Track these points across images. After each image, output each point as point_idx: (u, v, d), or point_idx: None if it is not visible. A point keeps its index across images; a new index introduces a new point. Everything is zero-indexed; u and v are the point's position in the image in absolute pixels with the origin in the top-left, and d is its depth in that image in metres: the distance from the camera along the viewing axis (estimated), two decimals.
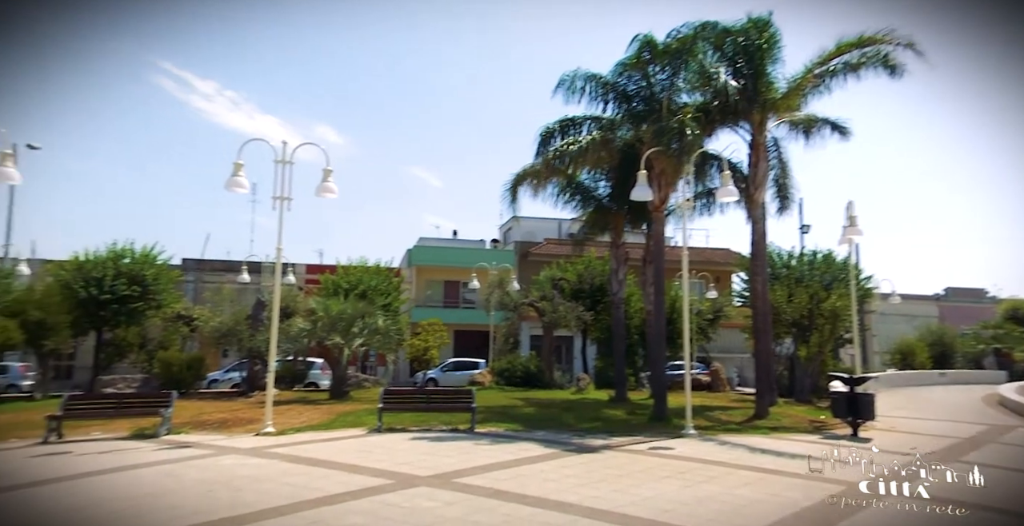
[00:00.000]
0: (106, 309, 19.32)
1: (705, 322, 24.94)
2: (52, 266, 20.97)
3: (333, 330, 17.02)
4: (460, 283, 33.51)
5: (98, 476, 7.84)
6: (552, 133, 15.37)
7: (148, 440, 10.79)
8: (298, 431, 11.77)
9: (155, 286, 20.16)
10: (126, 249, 20.36)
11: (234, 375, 22.76)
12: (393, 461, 8.62)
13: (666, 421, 13.11)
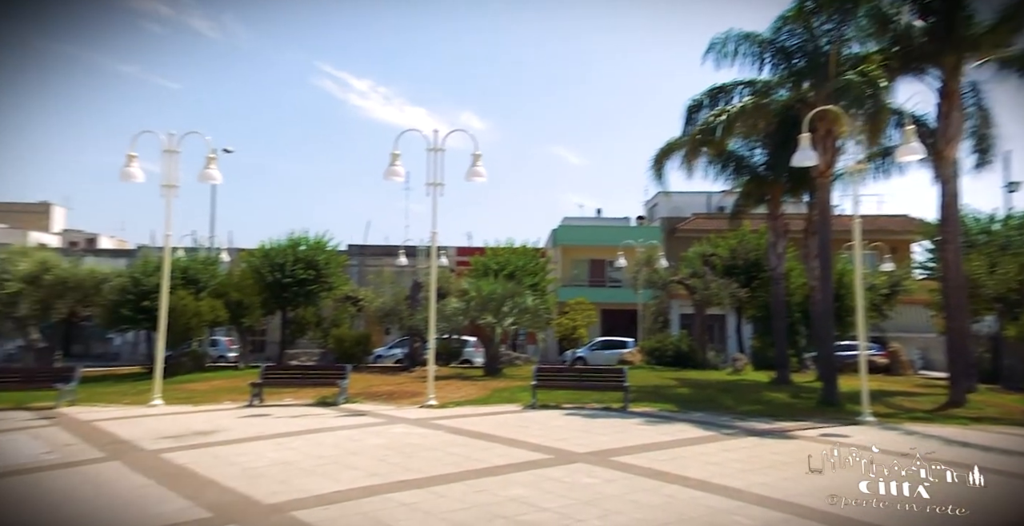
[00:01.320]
0: (288, 291, 21.67)
1: (880, 298, 22.45)
2: (244, 254, 23.91)
3: (485, 310, 17.68)
4: (606, 262, 33.19)
5: (295, 436, 8.87)
6: (700, 104, 14.51)
7: (329, 407, 12.01)
8: (458, 405, 12.43)
9: (327, 270, 22.22)
10: (302, 237, 22.64)
11: (396, 351, 24.56)
12: (550, 437, 8.80)
13: (837, 406, 12.05)
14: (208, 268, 21.40)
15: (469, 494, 5.81)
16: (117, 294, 19.37)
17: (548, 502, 5.52)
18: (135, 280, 19.34)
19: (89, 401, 12.84)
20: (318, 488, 6.01)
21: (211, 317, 19.56)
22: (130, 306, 19.02)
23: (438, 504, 5.48)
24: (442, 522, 4.98)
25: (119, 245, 40.82)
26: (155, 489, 6.07)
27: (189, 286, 19.64)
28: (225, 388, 15.11)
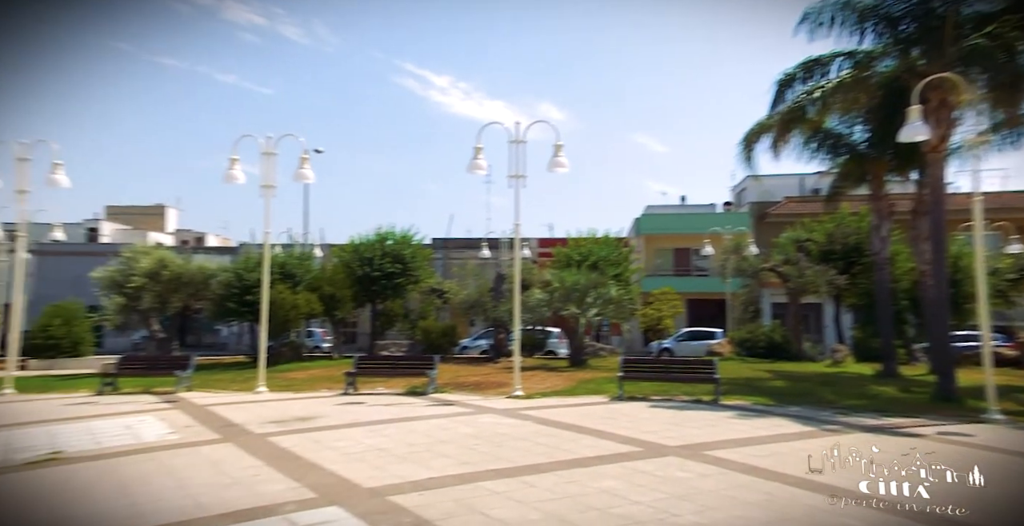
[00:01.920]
0: (376, 284, 22.47)
1: (1005, 283, 20.46)
2: (336, 249, 25.00)
3: (569, 300, 17.61)
4: (691, 250, 32.21)
5: (389, 424, 9.20)
6: (792, 79, 13.66)
7: (419, 396, 12.37)
8: (544, 396, 12.47)
9: (413, 263, 22.86)
10: (389, 232, 23.39)
11: (481, 342, 24.94)
12: (638, 429, 8.65)
13: (956, 402, 11.10)
14: (303, 263, 22.54)
15: (560, 484, 5.80)
16: (223, 289, 20.78)
17: (640, 495, 5.42)
18: (238, 275, 20.67)
19: (203, 387, 13.89)
20: (412, 474, 6.19)
21: (307, 310, 20.60)
22: (235, 299, 20.36)
23: (529, 493, 5.51)
24: (534, 511, 5.00)
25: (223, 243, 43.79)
26: (264, 470, 6.47)
27: (286, 280, 20.77)
28: (322, 377, 15.91)
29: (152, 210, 48.66)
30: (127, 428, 9.08)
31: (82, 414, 10.54)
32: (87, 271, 22.31)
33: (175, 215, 50.36)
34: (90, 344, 23.76)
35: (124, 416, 10.20)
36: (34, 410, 11.13)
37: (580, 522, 4.76)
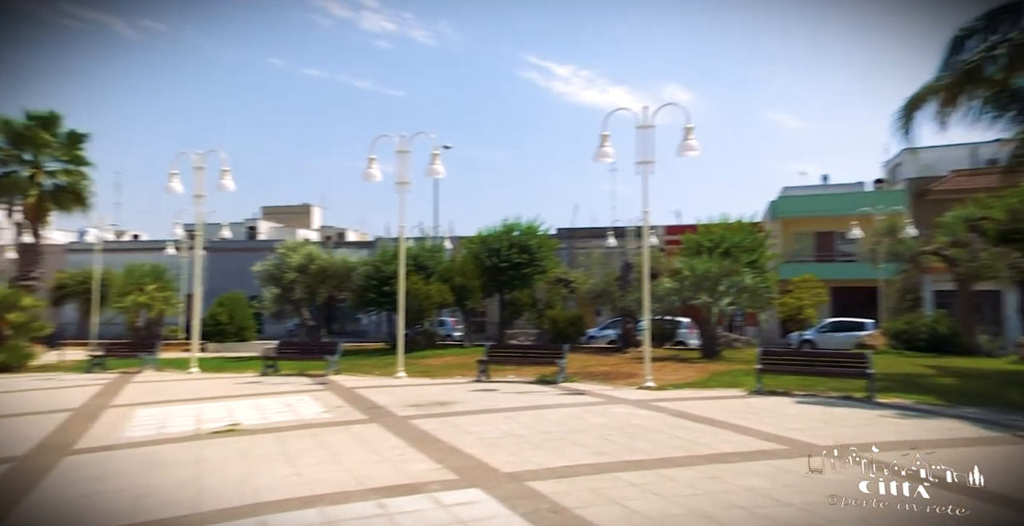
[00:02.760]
0: (504, 274, 22.97)
1: None
2: (464, 241, 25.87)
3: (700, 289, 16.92)
4: (835, 234, 29.69)
5: (522, 411, 9.39)
6: (970, 33, 11.96)
7: (549, 385, 12.49)
8: (676, 387, 12.10)
9: (539, 253, 23.09)
10: (515, 223, 23.78)
11: (608, 332, 24.71)
12: (783, 426, 8.12)
13: None
14: (435, 255, 23.57)
15: (700, 480, 5.59)
16: (363, 280, 22.27)
17: (790, 496, 5.08)
18: (376, 268, 22.05)
19: (349, 371, 14.99)
20: (548, 462, 6.26)
21: (439, 300, 21.54)
22: (374, 290, 21.75)
23: (668, 487, 5.36)
24: (675, 506, 4.85)
25: (361, 237, 46.88)
26: (408, 450, 6.85)
27: (420, 272, 21.83)
28: (455, 364, 16.58)
29: (300, 209, 53.24)
30: (288, 406, 10.03)
31: (250, 392, 11.79)
32: (248, 265, 24.91)
33: (319, 213, 54.74)
34: (253, 330, 26.54)
35: (284, 395, 11.27)
36: (214, 387, 12.63)
37: (725, 521, 4.56)
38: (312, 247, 24.11)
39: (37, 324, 17.78)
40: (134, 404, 10.47)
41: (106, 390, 12.28)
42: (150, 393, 11.91)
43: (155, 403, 10.57)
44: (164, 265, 26.56)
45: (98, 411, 9.74)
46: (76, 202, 24.03)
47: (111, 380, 14.01)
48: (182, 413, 9.45)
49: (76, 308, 29.52)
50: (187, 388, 12.64)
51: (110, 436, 7.83)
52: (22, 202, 22.95)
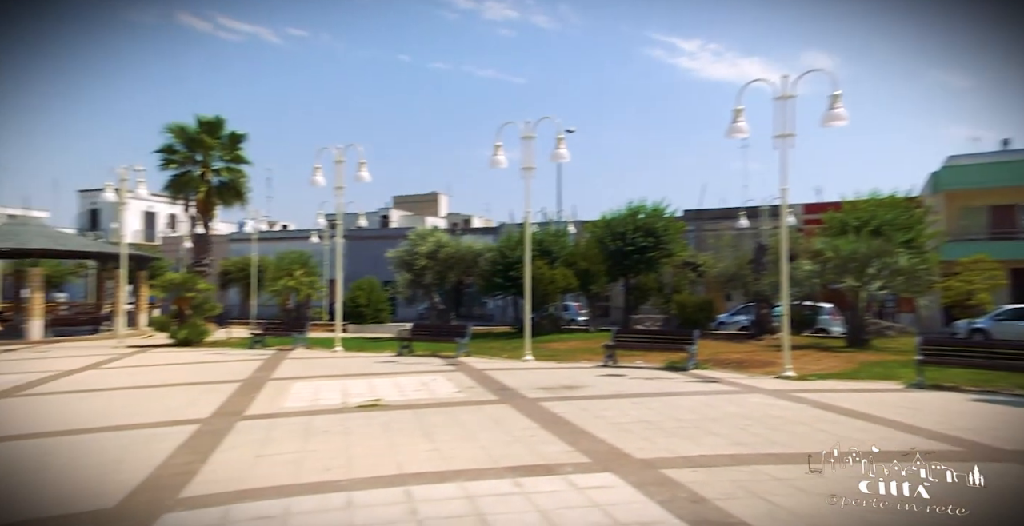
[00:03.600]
0: (629, 259, 22.56)
1: None
2: (588, 225, 25.69)
3: (845, 272, 15.56)
4: (1016, 207, 25.95)
5: (652, 398, 9.20)
6: None
7: (679, 372, 12.12)
8: (820, 378, 11.26)
9: (665, 236, 22.41)
10: (640, 206, 23.23)
11: (740, 318, 23.52)
12: (952, 425, 7.28)
13: None
14: (558, 240, 23.63)
15: (852, 479, 5.14)
16: (489, 265, 22.85)
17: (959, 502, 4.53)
18: (502, 253, 22.51)
19: (478, 353, 15.48)
20: (683, 450, 6.07)
21: (564, 284, 21.60)
22: (500, 275, 22.25)
23: (815, 484, 4.99)
24: (827, 505, 4.51)
25: (486, 224, 48.08)
26: (540, 432, 6.95)
27: (544, 257, 21.99)
28: (580, 348, 16.57)
29: (428, 197, 55.60)
30: (423, 385, 10.56)
31: (389, 371, 12.56)
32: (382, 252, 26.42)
33: (446, 201, 56.85)
34: (388, 313, 28.22)
35: (419, 375, 11.88)
36: (356, 365, 13.60)
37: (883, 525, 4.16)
38: (441, 234, 25.08)
39: (210, 305, 20.13)
40: (290, 378, 11.53)
41: (266, 365, 13.64)
42: (302, 368, 13.06)
43: (307, 378, 11.57)
44: (309, 252, 28.91)
45: (261, 383, 10.84)
46: (236, 197, 26.78)
47: (269, 356, 15.53)
48: (330, 387, 10.26)
49: (238, 292, 33.04)
50: (333, 365, 13.71)
51: (272, 405, 8.68)
52: (194, 198, 25.96)
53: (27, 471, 5.54)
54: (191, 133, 25.43)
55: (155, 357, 15.80)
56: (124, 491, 4.92)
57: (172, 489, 4.97)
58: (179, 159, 25.76)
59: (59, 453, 6.20)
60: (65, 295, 38.43)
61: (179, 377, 11.90)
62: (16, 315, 24.08)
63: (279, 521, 4.21)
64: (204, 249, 27.01)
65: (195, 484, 5.11)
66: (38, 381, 11.44)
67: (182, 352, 17.05)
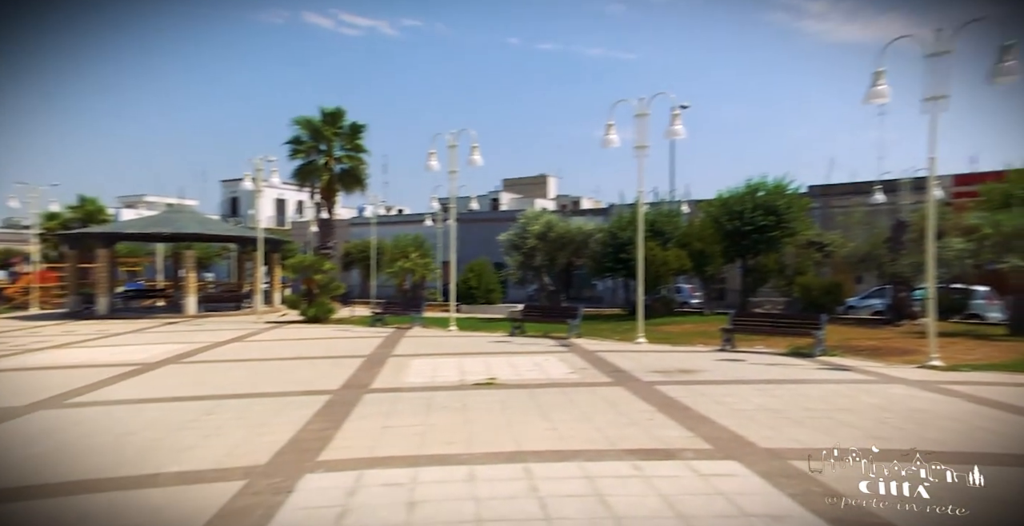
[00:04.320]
0: (747, 239, 21.38)
1: None
2: (703, 204, 24.62)
3: (1008, 250, 13.79)
4: None
5: (777, 385, 8.71)
6: None
7: (804, 358, 11.37)
8: (974, 369, 10.11)
9: (788, 214, 20.99)
10: (760, 182, 21.89)
11: (873, 302, 21.67)
12: None
13: None
14: (671, 220, 22.86)
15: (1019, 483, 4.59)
16: (599, 247, 22.58)
17: None
18: (612, 234, 22.14)
19: (589, 335, 15.40)
20: (813, 441, 5.69)
21: (677, 266, 20.91)
22: (610, 257, 21.92)
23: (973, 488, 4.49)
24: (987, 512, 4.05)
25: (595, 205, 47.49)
26: (657, 415, 6.79)
27: (656, 238, 21.37)
28: (695, 332, 16.01)
29: (537, 180, 55.76)
30: (536, 365, 10.67)
31: (502, 350, 12.81)
32: (492, 234, 26.89)
33: (555, 183, 56.75)
34: (498, 294, 28.77)
35: (532, 355, 12.01)
36: (470, 344, 14.00)
37: None
38: (551, 216, 25.10)
39: (335, 285, 21.52)
40: (409, 355, 12.08)
41: (386, 342, 14.39)
42: (420, 346, 13.64)
43: (425, 355, 12.07)
44: (423, 235, 30.04)
45: (383, 359, 11.45)
46: (356, 183, 28.33)
47: (389, 333, 16.37)
48: (447, 365, 10.64)
49: (359, 273, 35.05)
50: (449, 343, 14.20)
51: (395, 380, 9.14)
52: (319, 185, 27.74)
53: (191, 429, 6.21)
54: (315, 124, 27.14)
55: (288, 332, 17.16)
56: (271, 451, 5.38)
57: (311, 452, 5.38)
58: (305, 149, 27.62)
59: (218, 412, 6.90)
60: (212, 275, 42.64)
61: (310, 351, 12.86)
62: (175, 292, 27.11)
63: (407, 489, 4.42)
64: (328, 233, 28.89)
65: (330, 449, 5.49)
66: (196, 350, 12.82)
67: (311, 328, 18.39)
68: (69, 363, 11.21)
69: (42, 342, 14.66)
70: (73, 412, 7.21)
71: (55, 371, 10.29)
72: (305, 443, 5.68)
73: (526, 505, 4.12)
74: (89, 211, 36.97)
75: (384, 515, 3.94)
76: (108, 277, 23.61)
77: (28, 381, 9.33)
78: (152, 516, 3.98)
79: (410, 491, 4.37)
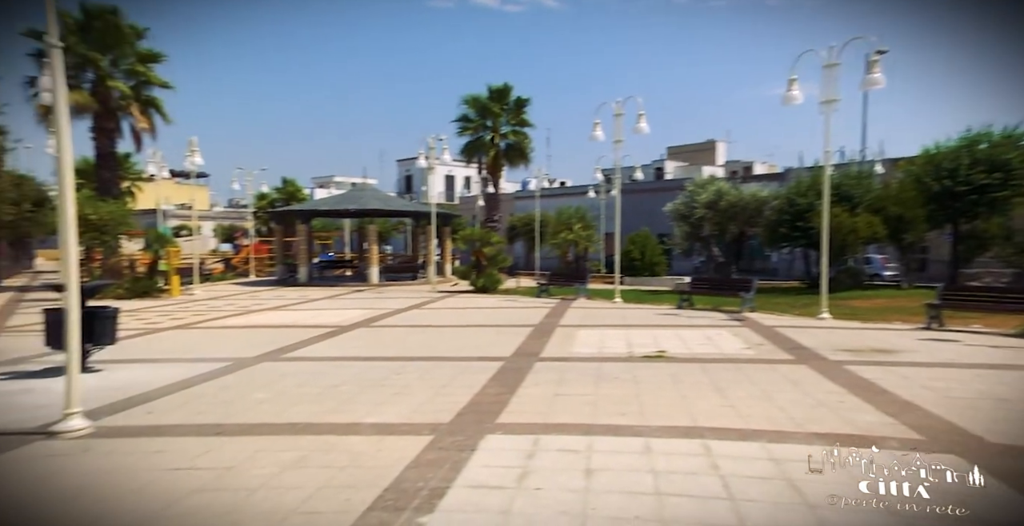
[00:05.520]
0: (960, 201, 18.45)
1: None
2: (902, 163, 21.62)
3: None
4: None
5: (1006, 370, 7.51)
6: None
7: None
8: None
9: (1019, 170, 17.68)
10: (983, 133, 18.63)
11: None
12: None
13: None
14: (862, 182, 20.43)
15: None
16: (776, 215, 20.87)
17: None
18: (790, 200, 20.33)
19: (764, 309, 14.40)
20: None
21: (867, 233, 18.75)
22: (787, 225, 20.19)
23: None
24: None
25: (769, 170, 43.90)
26: (848, 397, 6.16)
27: (843, 203, 19.26)
28: (890, 307, 14.30)
29: (705, 146, 52.76)
30: (708, 339, 10.21)
31: (669, 323, 12.44)
32: (656, 205, 26.02)
33: (724, 148, 53.31)
34: (663, 266, 27.96)
35: (702, 328, 11.52)
36: (636, 316, 13.79)
37: None
38: (721, 183, 23.70)
39: (502, 257, 22.36)
40: (575, 325, 12.20)
41: (552, 312, 14.66)
42: (586, 317, 13.71)
43: (591, 326, 12.11)
44: (585, 207, 29.93)
45: (550, 329, 11.69)
46: (521, 157, 28.96)
47: (555, 305, 16.65)
48: (615, 336, 10.57)
49: (522, 245, 36.01)
50: (614, 315, 14.10)
51: (563, 350, 9.29)
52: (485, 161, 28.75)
53: (382, 386, 6.84)
54: (483, 102, 28.07)
55: (459, 301, 18.19)
56: (453, 411, 5.75)
57: (490, 414, 5.65)
58: (473, 126, 28.72)
59: (404, 373, 7.53)
60: (390, 248, 46.44)
61: (480, 319, 13.51)
62: (361, 263, 29.98)
63: (583, 456, 4.47)
64: (494, 207, 29.96)
65: (507, 413, 5.73)
66: (381, 316, 14.10)
67: (480, 298, 19.31)
68: (281, 323, 12.91)
69: (259, 304, 17.04)
70: (288, 365, 8.29)
71: (271, 329, 11.91)
72: (483, 406, 5.98)
73: (708, 482, 3.97)
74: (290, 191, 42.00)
75: (563, 480, 4.02)
76: (307, 249, 26.72)
77: (253, 336, 10.90)
78: (354, 460, 4.44)
79: (587, 459, 4.41)
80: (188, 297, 19.25)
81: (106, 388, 6.78)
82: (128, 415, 5.83)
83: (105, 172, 22.90)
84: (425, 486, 3.94)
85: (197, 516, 3.58)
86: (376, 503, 3.70)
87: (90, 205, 18.80)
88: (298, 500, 3.76)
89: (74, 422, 5.22)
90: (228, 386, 7.00)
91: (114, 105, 22.08)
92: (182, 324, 12.80)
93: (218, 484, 4.05)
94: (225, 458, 4.54)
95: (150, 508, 3.68)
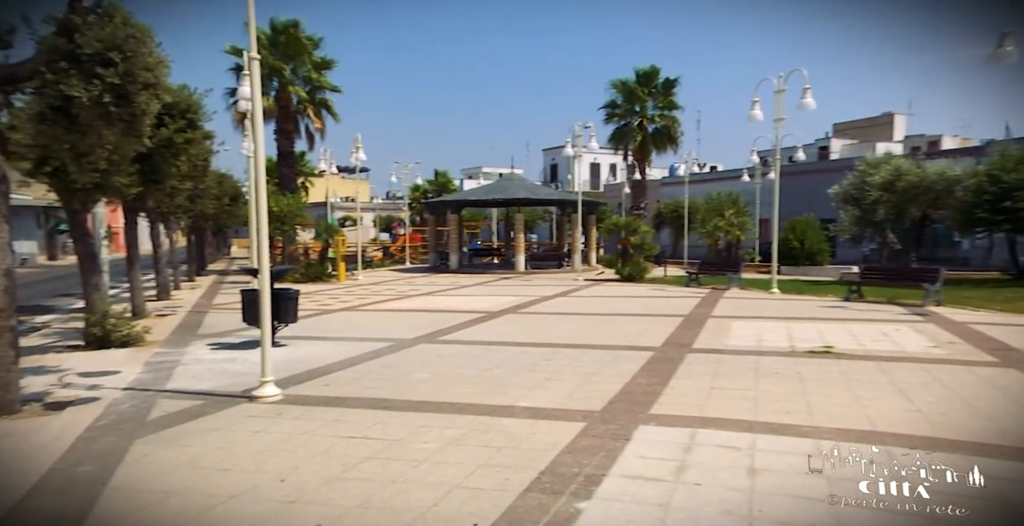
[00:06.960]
0: None
1: None
2: None
3: None
4: None
5: None
6: None
7: None
8: None
9: None
10: None
11: None
12: None
13: None
14: None
15: None
16: (972, 195, 18.18)
17: None
18: (992, 178, 17.60)
19: (953, 303, 12.67)
20: None
21: None
22: (986, 207, 17.51)
23: None
24: None
25: (962, 144, 38.37)
26: None
27: None
28: None
29: (879, 121, 47.26)
30: (884, 335, 9.19)
31: (836, 317, 11.36)
32: (818, 187, 23.77)
33: (903, 122, 47.39)
34: (826, 254, 25.57)
35: (876, 323, 10.38)
36: (797, 308, 12.78)
37: None
38: (900, 160, 21.07)
39: (649, 245, 21.79)
40: (729, 317, 11.57)
41: (703, 302, 14.02)
42: (740, 308, 12.95)
43: (747, 318, 11.41)
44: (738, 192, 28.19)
45: (702, 319, 11.19)
46: (669, 142, 27.91)
47: (705, 294, 15.92)
48: (773, 329, 9.88)
49: (670, 233, 34.81)
50: (772, 307, 13.17)
51: (716, 341, 8.85)
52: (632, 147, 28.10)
53: (534, 371, 6.98)
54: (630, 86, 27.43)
55: (605, 290, 18.02)
56: (604, 399, 5.72)
57: (642, 405, 5.54)
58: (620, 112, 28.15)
59: (554, 359, 7.62)
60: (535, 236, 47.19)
61: (628, 308, 13.29)
62: (507, 251, 30.80)
63: (746, 453, 4.23)
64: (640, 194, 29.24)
65: (660, 404, 5.58)
66: (528, 303, 14.38)
67: (626, 286, 18.98)
68: (435, 307, 13.64)
69: (415, 290, 18.16)
70: (444, 347, 8.74)
71: (426, 313, 12.64)
72: (635, 395, 5.88)
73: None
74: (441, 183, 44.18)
75: (724, 478, 3.83)
76: (457, 238, 27.96)
77: (410, 320, 11.64)
78: (510, 442, 4.57)
79: (749, 457, 4.17)
80: (353, 282, 21.01)
81: (291, 361, 7.62)
82: (310, 386, 6.50)
83: (285, 169, 25.56)
84: (580, 472, 3.95)
85: (371, 482, 3.89)
86: (533, 485, 3.78)
87: (273, 199, 21.13)
88: (461, 475, 3.96)
89: (268, 389, 5.94)
90: (391, 364, 7.55)
91: (294, 109, 24.53)
92: (348, 306, 14.00)
93: (388, 453, 4.38)
94: (392, 431, 4.89)
95: (331, 471, 4.07)
